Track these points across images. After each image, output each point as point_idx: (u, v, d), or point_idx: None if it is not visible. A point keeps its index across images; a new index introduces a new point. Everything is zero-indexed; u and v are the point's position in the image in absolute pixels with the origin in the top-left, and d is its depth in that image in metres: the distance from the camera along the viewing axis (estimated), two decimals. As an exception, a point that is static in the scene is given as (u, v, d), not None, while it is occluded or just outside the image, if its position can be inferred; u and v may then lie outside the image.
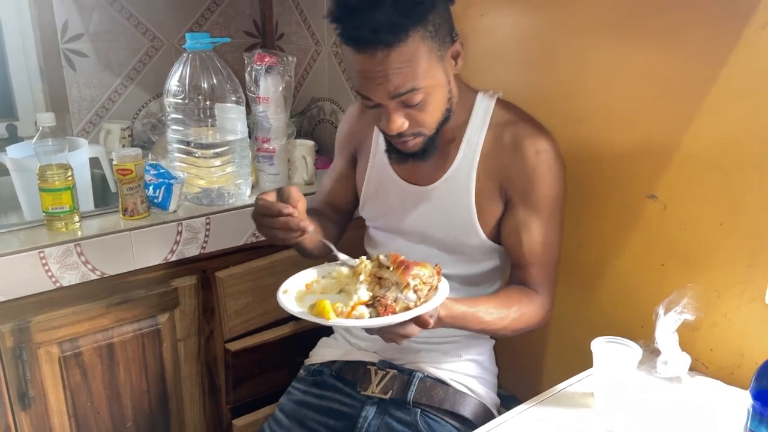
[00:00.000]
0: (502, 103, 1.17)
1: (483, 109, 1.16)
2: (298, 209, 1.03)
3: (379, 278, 0.96)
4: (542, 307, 1.14)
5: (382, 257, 0.97)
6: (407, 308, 0.92)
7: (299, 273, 1.06)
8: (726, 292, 1.09)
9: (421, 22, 0.97)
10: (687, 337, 1.08)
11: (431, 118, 1.06)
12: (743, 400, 0.86)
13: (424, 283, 0.94)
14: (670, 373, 1.07)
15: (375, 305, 0.92)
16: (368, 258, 1.00)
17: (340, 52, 1.58)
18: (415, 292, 0.93)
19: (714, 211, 1.08)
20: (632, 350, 1.02)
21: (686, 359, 1.07)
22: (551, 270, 1.16)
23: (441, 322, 0.99)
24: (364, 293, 0.94)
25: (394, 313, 0.91)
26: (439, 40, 1.01)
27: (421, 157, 1.11)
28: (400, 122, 1.04)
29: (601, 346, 1.03)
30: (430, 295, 0.95)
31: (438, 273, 0.97)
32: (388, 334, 0.96)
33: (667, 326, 1.05)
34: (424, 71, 1.00)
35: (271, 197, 1.05)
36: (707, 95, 1.06)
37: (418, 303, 0.93)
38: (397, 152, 1.13)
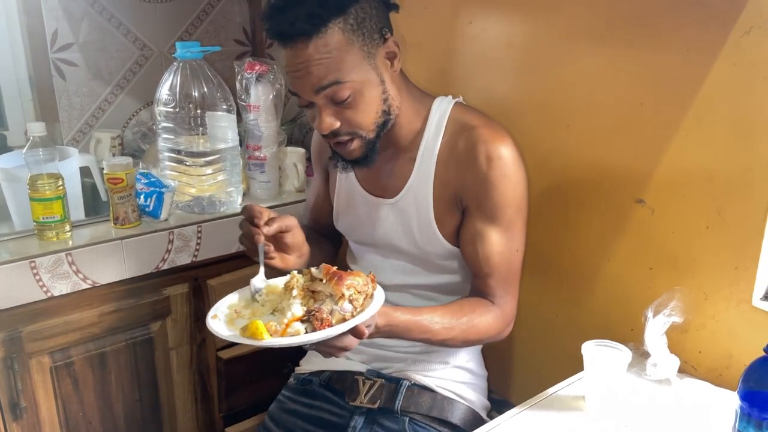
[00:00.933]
0: (459, 108, 1.13)
1: (439, 115, 1.12)
2: (270, 228, 1.03)
3: (313, 291, 0.94)
4: (499, 319, 1.10)
5: (314, 270, 0.95)
6: (344, 320, 0.89)
7: (225, 297, 1.01)
8: (713, 294, 1.10)
9: (340, 14, 0.98)
10: (676, 339, 1.09)
11: (364, 117, 1.04)
12: (732, 401, 0.87)
13: (359, 292, 0.91)
14: (660, 375, 1.08)
15: (310, 320, 0.88)
16: (300, 272, 0.97)
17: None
18: (351, 302, 0.90)
19: (701, 214, 1.09)
20: (622, 353, 1.03)
21: (675, 361, 1.08)
22: (511, 280, 1.12)
23: (379, 332, 0.98)
24: (297, 309, 0.91)
25: (330, 326, 0.88)
26: (364, 35, 1.01)
27: (364, 164, 1.09)
28: (330, 121, 1.03)
29: (591, 350, 1.04)
30: (366, 303, 0.92)
31: (372, 281, 0.95)
32: (326, 348, 0.93)
33: (656, 329, 1.06)
34: (349, 65, 1.00)
35: (268, 212, 1.05)
36: (694, 100, 1.07)
37: (355, 313, 0.90)
38: (341, 159, 1.11)
